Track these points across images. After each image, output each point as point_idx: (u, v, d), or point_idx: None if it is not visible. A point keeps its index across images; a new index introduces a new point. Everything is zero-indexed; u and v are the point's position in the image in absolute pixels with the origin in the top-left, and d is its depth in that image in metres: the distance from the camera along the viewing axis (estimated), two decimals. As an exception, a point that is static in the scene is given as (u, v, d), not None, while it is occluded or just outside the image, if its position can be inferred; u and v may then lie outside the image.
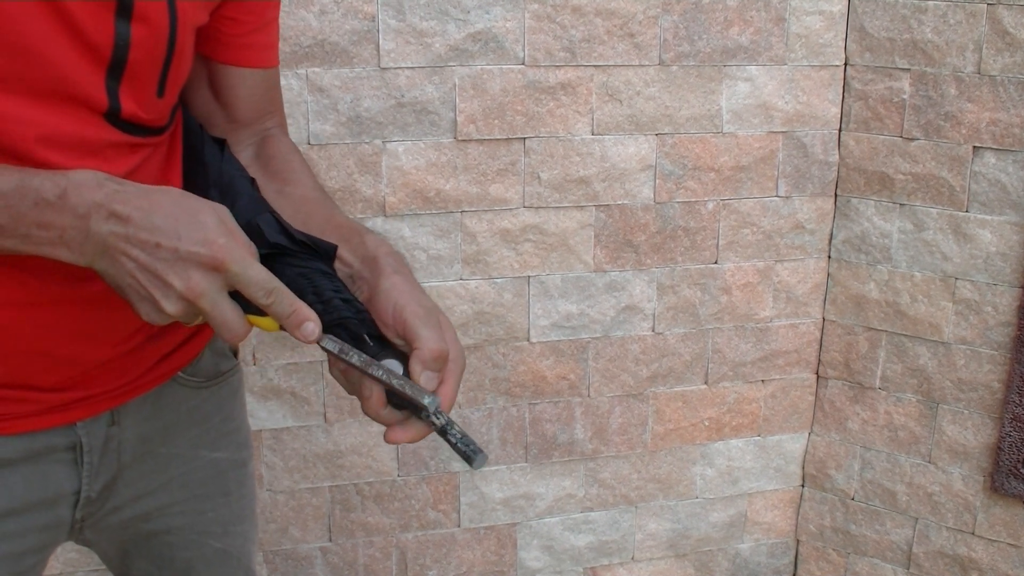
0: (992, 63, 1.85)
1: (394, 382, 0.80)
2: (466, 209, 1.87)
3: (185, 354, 1.00)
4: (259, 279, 0.77)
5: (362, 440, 1.93)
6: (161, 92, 0.85)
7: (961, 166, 1.92)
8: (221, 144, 0.96)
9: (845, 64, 2.00)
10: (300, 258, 0.86)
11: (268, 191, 0.96)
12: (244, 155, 1.01)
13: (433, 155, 1.82)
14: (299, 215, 0.91)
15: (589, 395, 2.05)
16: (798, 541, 2.31)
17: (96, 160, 0.80)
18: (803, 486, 2.27)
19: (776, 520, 2.27)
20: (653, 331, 2.05)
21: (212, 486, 1.07)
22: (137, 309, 0.77)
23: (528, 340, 1.98)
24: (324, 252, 0.86)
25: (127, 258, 0.75)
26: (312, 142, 1.75)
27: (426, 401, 0.80)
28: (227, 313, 0.77)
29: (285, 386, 1.86)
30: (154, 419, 0.99)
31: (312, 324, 0.80)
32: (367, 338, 0.83)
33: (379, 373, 0.80)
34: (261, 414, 1.86)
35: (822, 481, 2.23)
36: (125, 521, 1.01)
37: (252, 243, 0.79)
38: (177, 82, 0.88)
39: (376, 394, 0.81)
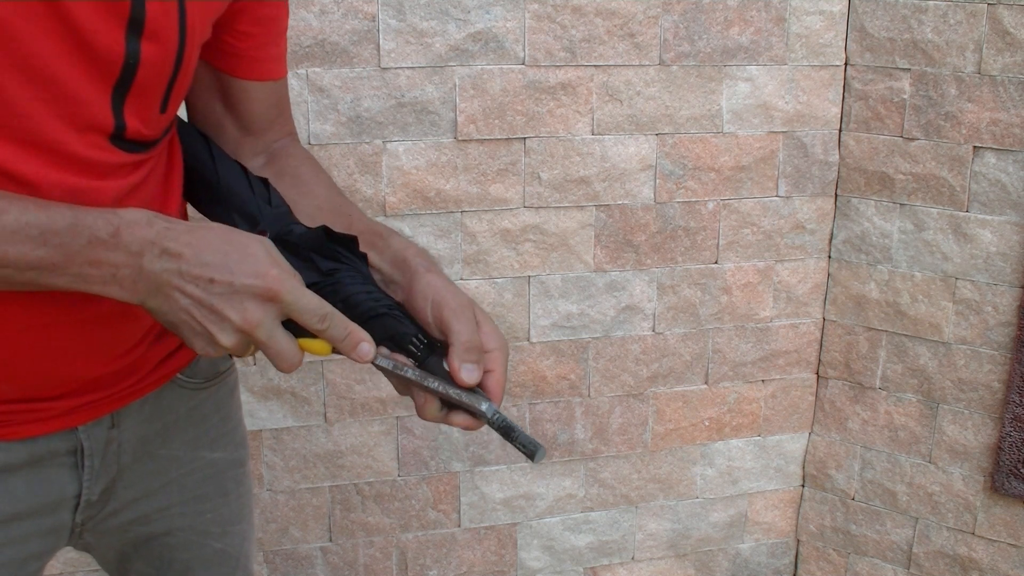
0: (992, 63, 1.85)
1: (451, 392, 0.84)
2: (466, 209, 1.87)
3: (184, 356, 1.01)
4: (312, 306, 0.79)
5: (362, 440, 1.93)
6: (164, 108, 0.85)
7: (961, 166, 1.92)
8: (265, 181, 0.96)
9: (845, 64, 2.00)
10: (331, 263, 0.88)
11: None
12: (254, 164, 1.01)
13: (433, 155, 1.82)
14: (315, 225, 0.92)
15: (589, 395, 2.05)
16: (798, 541, 2.31)
17: (101, 180, 0.80)
18: (803, 486, 2.27)
19: (776, 520, 2.27)
20: (653, 331, 2.05)
21: (211, 486, 1.07)
22: (191, 343, 0.79)
23: (528, 340, 1.98)
24: (356, 254, 0.89)
25: (181, 294, 0.76)
26: (312, 142, 1.75)
27: (483, 407, 0.84)
28: (282, 342, 0.79)
29: (285, 386, 1.86)
30: (153, 421, 0.99)
31: (367, 345, 0.82)
32: (414, 340, 0.86)
33: (435, 385, 0.84)
34: (261, 414, 1.86)
35: (822, 481, 2.23)
36: (125, 524, 1.01)
37: (297, 271, 0.81)
38: (179, 97, 0.88)
39: (430, 401, 0.85)
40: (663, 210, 1.98)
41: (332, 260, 0.88)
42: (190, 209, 1.01)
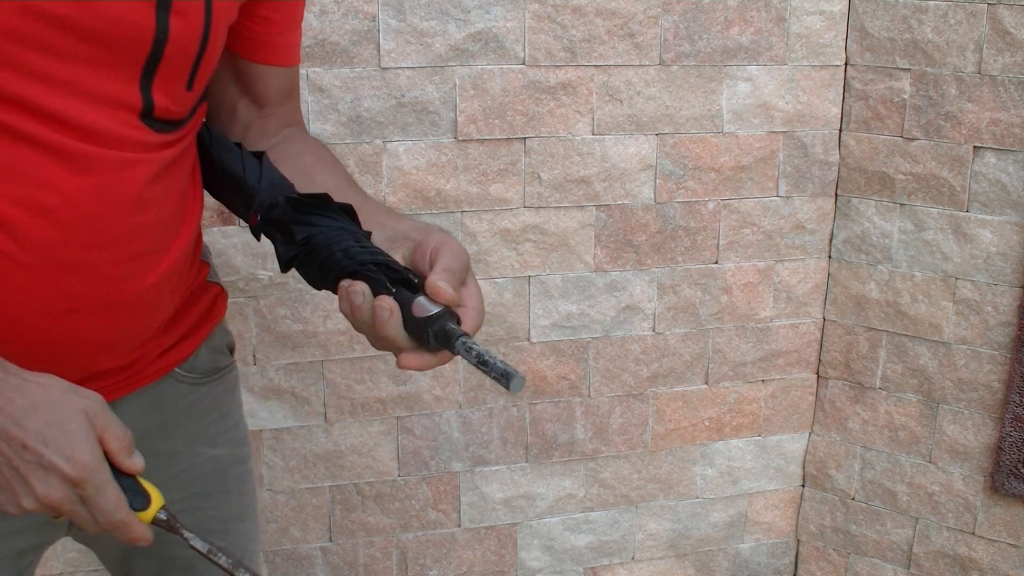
0: (993, 63, 1.85)
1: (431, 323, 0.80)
2: (466, 209, 1.87)
3: (182, 350, 1.01)
4: (107, 506, 0.78)
5: (362, 440, 1.94)
6: (191, 85, 0.86)
7: (962, 166, 1.92)
8: (259, 156, 0.97)
9: (846, 64, 2.00)
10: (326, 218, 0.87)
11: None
12: (262, 146, 1.02)
13: (433, 155, 1.82)
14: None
15: (589, 395, 2.05)
16: (798, 541, 2.31)
17: (131, 157, 0.81)
18: (803, 486, 2.27)
19: (776, 520, 2.27)
20: (653, 331, 2.05)
21: (212, 483, 1.07)
22: None
23: (528, 340, 1.98)
24: (332, 211, 0.88)
25: None
26: (312, 142, 1.75)
27: (457, 338, 0.81)
28: (103, 506, 0.78)
29: (286, 386, 1.86)
30: (153, 414, 1.00)
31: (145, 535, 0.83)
32: (387, 284, 0.82)
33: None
34: (262, 414, 1.86)
35: (822, 481, 2.23)
36: None
37: (128, 430, 0.80)
38: (206, 75, 0.89)
39: (395, 316, 0.80)
40: (663, 210, 1.98)
41: (307, 226, 0.87)
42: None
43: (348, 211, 0.88)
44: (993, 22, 1.83)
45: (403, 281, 0.83)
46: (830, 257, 2.12)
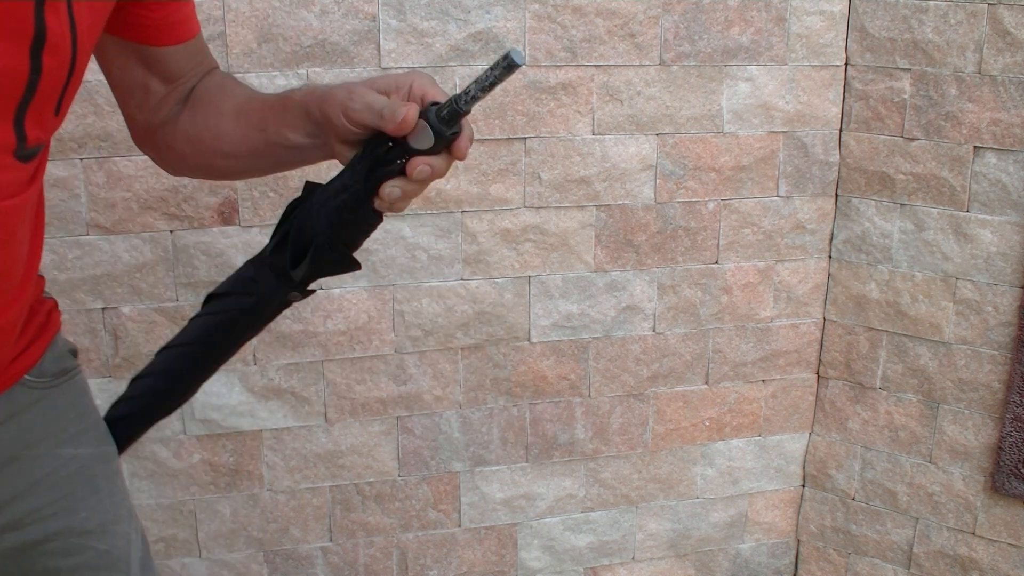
0: (993, 63, 1.85)
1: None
2: (467, 209, 1.87)
3: (29, 357, 1.01)
4: None
5: (363, 440, 1.93)
6: (58, 111, 0.86)
7: (962, 166, 1.92)
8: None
9: (846, 64, 2.00)
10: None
11: (197, 124, 1.01)
12: (178, 110, 1.04)
13: (434, 155, 1.82)
14: (231, 128, 0.97)
15: (590, 395, 2.05)
16: (799, 541, 2.31)
17: (11, 204, 0.82)
18: (804, 486, 2.27)
19: (777, 520, 2.27)
20: (654, 331, 2.05)
21: (80, 484, 1.06)
22: None
23: (529, 340, 1.98)
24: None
25: None
26: (313, 142, 1.75)
27: (457, 98, 0.84)
28: None
29: (286, 386, 1.86)
30: (9, 423, 0.99)
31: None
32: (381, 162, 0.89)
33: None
34: (262, 414, 1.86)
35: (823, 481, 2.23)
36: None
37: None
38: (72, 96, 0.89)
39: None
40: (663, 210, 1.98)
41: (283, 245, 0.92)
42: None
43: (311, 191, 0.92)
44: (993, 22, 1.83)
45: (380, 156, 0.88)
46: (830, 257, 2.12)
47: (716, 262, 2.05)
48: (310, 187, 0.93)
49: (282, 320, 1.82)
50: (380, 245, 1.83)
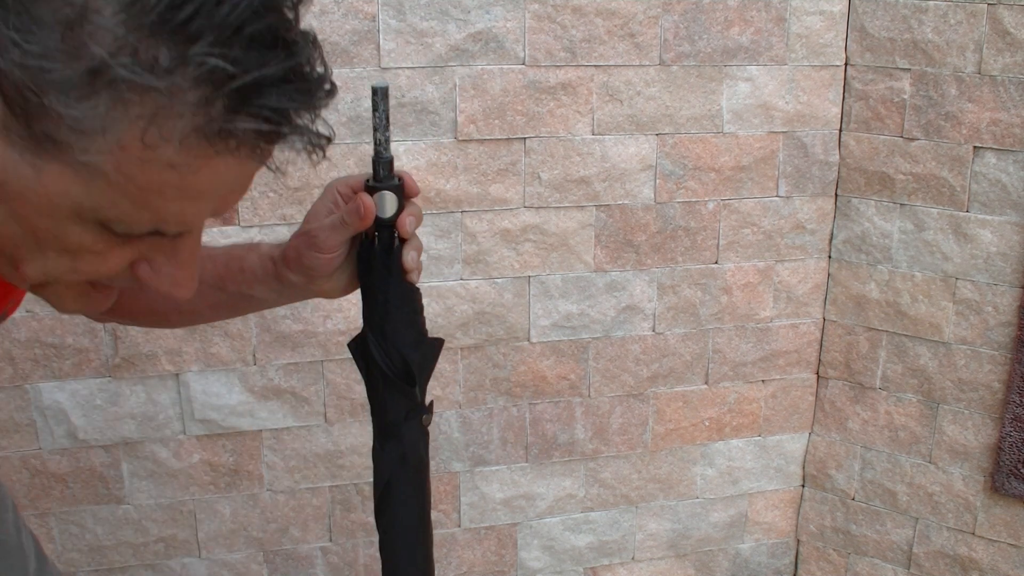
0: (993, 63, 1.85)
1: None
2: (466, 209, 1.87)
3: None
4: None
5: (363, 440, 1.93)
6: None
7: (962, 166, 1.92)
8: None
9: (846, 64, 2.00)
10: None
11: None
12: None
13: (433, 155, 1.82)
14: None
15: (589, 395, 2.05)
16: (798, 541, 2.31)
17: None
18: (803, 486, 2.27)
19: (776, 520, 2.27)
20: (653, 331, 2.05)
21: None
22: None
23: (528, 340, 1.98)
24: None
25: None
26: (312, 142, 1.75)
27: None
28: None
29: (286, 386, 1.86)
30: None
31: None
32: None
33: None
34: (261, 414, 1.86)
35: (822, 481, 2.23)
36: None
37: None
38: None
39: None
40: (663, 210, 1.98)
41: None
42: None
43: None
44: (993, 22, 1.83)
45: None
46: (830, 257, 2.12)
47: (716, 262, 2.05)
48: (359, 339, 0.95)
49: (282, 320, 1.82)
50: (380, 245, 1.83)
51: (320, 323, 1.84)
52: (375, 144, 0.89)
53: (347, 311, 1.85)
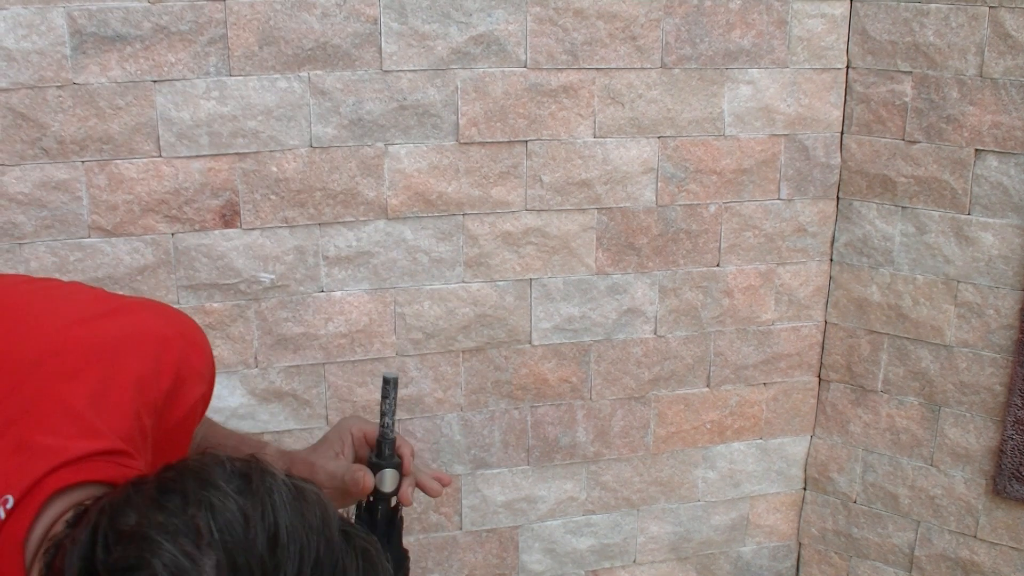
0: (994, 66, 1.85)
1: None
2: (468, 212, 1.87)
3: None
4: None
5: (364, 443, 1.93)
6: None
7: (963, 169, 1.92)
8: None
9: (847, 67, 2.00)
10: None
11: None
12: None
13: (435, 158, 1.82)
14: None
15: (591, 398, 2.05)
16: (800, 544, 2.30)
17: None
18: (805, 489, 2.27)
19: (778, 523, 2.27)
20: (655, 334, 2.05)
21: None
22: None
23: (530, 343, 1.98)
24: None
25: None
26: (314, 145, 1.75)
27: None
28: None
29: (287, 388, 1.86)
30: None
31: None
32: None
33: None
34: (263, 416, 1.86)
35: (824, 484, 2.23)
36: None
37: None
38: None
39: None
40: (665, 213, 1.98)
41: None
42: None
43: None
44: (994, 25, 1.83)
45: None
46: (831, 260, 2.12)
47: (717, 265, 2.05)
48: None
49: (283, 323, 1.82)
50: (381, 248, 1.84)
51: (321, 325, 1.84)
52: (381, 426, 1.00)
53: (348, 313, 1.85)
